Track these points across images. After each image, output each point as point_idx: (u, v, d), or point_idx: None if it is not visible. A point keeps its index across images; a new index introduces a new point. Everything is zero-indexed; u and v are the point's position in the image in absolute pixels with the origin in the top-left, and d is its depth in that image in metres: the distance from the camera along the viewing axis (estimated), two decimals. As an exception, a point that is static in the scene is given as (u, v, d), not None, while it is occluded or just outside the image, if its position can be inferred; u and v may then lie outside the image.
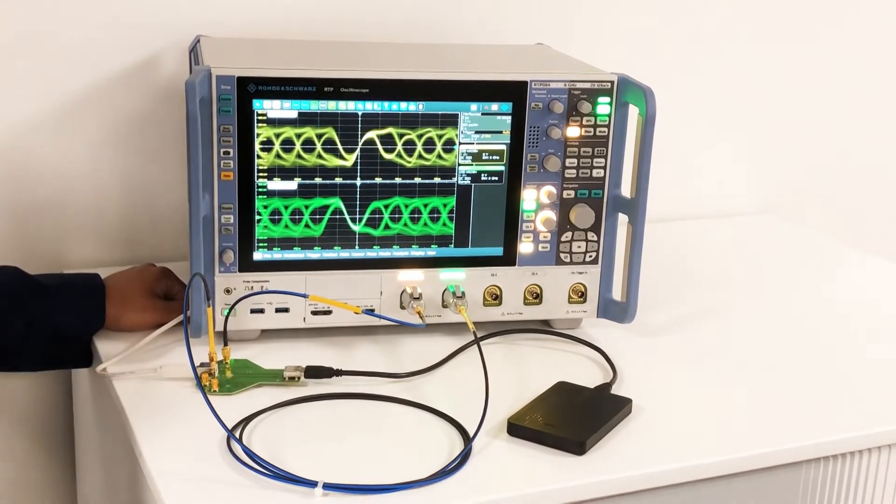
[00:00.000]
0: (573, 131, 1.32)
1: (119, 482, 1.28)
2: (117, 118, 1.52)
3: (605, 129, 1.32)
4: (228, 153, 1.24)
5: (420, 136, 1.29)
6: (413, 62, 1.40)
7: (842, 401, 1.27)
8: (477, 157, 1.31)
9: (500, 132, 1.31)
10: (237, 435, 1.10)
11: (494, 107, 1.30)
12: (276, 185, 1.26)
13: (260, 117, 1.24)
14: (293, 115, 1.25)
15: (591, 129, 1.32)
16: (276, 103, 1.24)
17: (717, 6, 1.84)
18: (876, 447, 1.22)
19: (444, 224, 1.32)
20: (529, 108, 1.30)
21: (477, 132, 1.30)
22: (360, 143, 1.28)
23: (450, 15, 1.66)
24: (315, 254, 1.30)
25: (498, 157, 1.31)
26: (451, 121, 1.29)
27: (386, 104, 1.27)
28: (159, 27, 1.51)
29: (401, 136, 1.28)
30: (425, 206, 1.31)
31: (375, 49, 1.47)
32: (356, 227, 1.30)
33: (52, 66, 1.47)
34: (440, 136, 1.30)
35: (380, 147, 1.28)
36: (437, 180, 1.31)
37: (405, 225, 1.31)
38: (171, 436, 1.11)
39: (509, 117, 1.30)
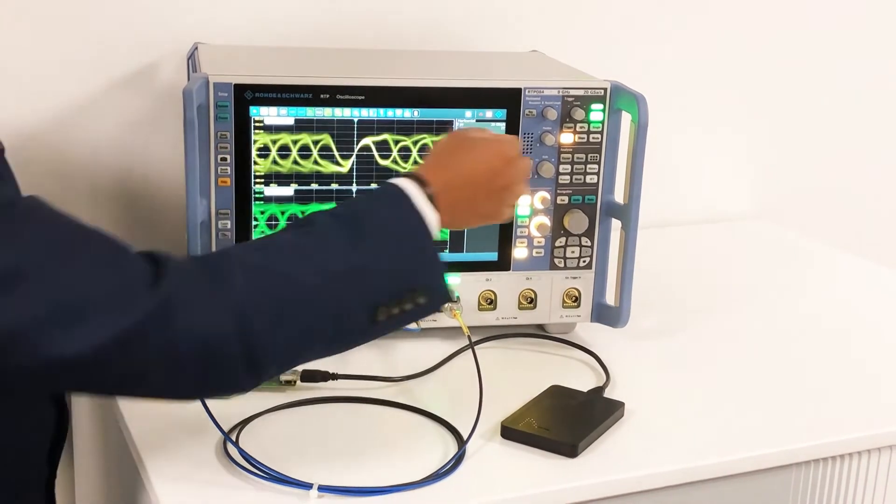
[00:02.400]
0: (567, 138, 1.33)
1: (117, 485, 1.29)
2: (116, 124, 1.53)
3: (599, 136, 1.34)
4: (225, 159, 1.25)
5: (415, 143, 1.30)
6: (408, 69, 1.41)
7: (832, 405, 1.28)
8: (471, 163, 1.32)
9: (495, 139, 1.32)
10: (233, 438, 1.11)
11: (489, 113, 1.31)
12: (273, 190, 1.28)
13: (256, 124, 1.25)
14: (289, 121, 1.26)
15: (585, 136, 1.33)
16: (273, 110, 1.25)
17: (710, 13, 1.85)
18: (866, 450, 1.24)
19: (439, 229, 1.33)
20: (523, 114, 1.32)
21: (471, 138, 1.31)
22: (355, 150, 1.29)
23: (445, 22, 1.67)
24: (311, 259, 1.31)
25: (492, 164, 1.32)
26: (446, 127, 1.30)
27: (381, 111, 1.28)
28: (157, 35, 1.52)
29: (396, 142, 1.30)
30: (420, 211, 1.32)
31: (371, 56, 1.48)
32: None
33: (51, 73, 1.48)
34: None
35: (375, 153, 1.29)
36: (432, 186, 1.32)
37: (400, 230, 1.32)
38: (168, 439, 1.12)
39: (503, 124, 1.32)
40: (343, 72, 1.33)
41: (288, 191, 1.28)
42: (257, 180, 1.27)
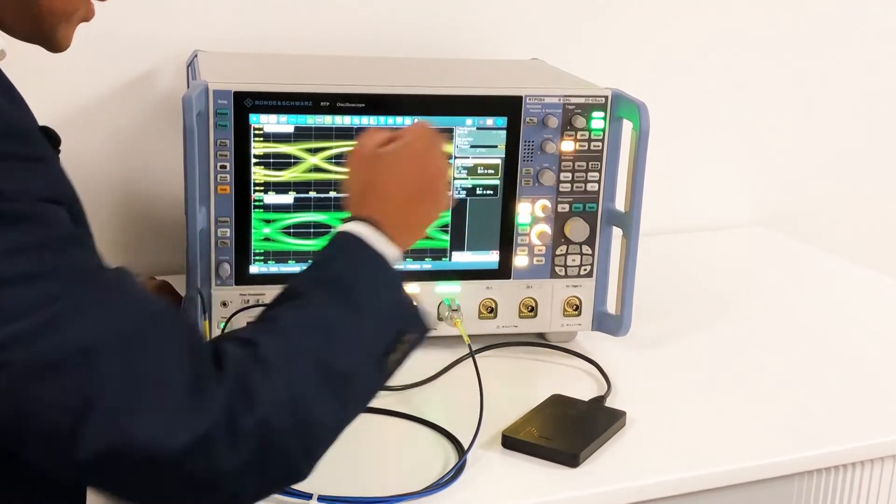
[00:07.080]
0: (567, 145, 1.33)
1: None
2: (116, 132, 1.53)
3: (600, 144, 1.33)
4: (225, 167, 1.25)
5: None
6: (409, 77, 1.41)
7: (835, 414, 1.28)
8: (472, 170, 1.32)
9: (496, 146, 1.32)
10: (233, 447, 1.10)
11: (489, 121, 1.31)
12: (272, 198, 1.27)
13: (256, 132, 1.25)
14: (289, 129, 1.26)
15: (586, 144, 1.33)
16: (273, 118, 1.25)
17: (710, 22, 1.85)
18: (868, 460, 1.23)
19: (440, 237, 1.33)
20: (524, 122, 1.31)
21: (472, 146, 1.31)
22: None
23: (446, 30, 1.67)
24: (311, 267, 1.30)
25: (493, 171, 1.32)
26: (447, 135, 1.30)
27: (382, 119, 1.28)
28: (157, 42, 1.52)
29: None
30: (421, 219, 1.32)
31: (371, 64, 1.48)
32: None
33: (50, 81, 1.48)
34: (435, 151, 1.30)
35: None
36: (432, 194, 1.32)
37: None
38: (167, 448, 1.12)
39: (504, 132, 1.31)
40: (343, 79, 1.33)
41: (287, 199, 1.28)
42: (257, 188, 1.26)
